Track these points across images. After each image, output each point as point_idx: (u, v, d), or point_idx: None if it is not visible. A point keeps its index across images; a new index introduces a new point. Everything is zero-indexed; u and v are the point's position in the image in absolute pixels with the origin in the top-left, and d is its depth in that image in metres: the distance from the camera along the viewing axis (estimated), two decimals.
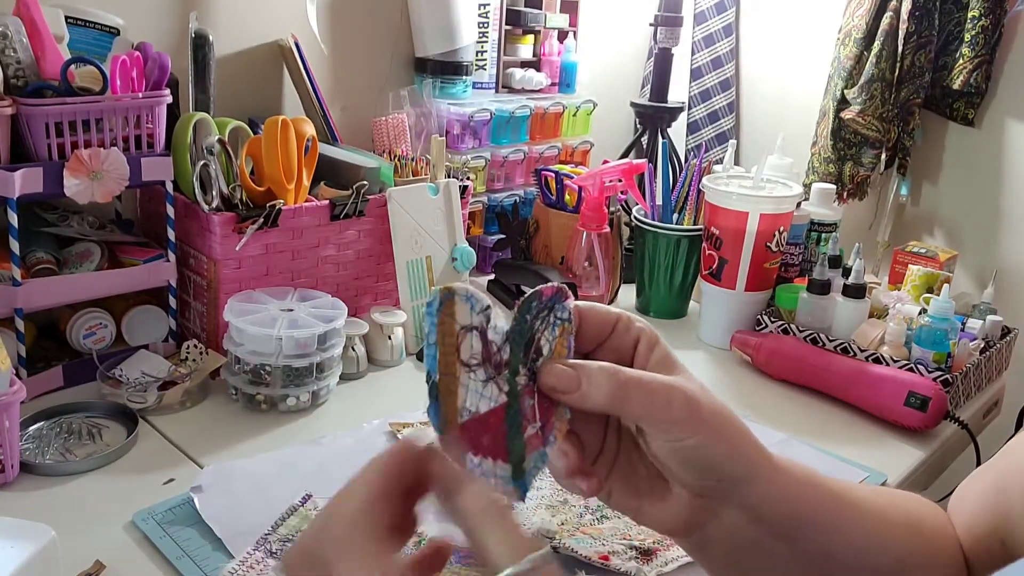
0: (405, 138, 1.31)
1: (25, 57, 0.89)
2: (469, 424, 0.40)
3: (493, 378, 0.40)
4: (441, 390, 0.40)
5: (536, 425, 0.40)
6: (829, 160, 1.55)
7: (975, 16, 1.42)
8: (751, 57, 1.81)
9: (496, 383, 0.40)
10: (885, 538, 0.47)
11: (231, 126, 1.05)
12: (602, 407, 0.40)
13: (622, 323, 0.44)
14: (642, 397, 0.40)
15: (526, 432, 0.40)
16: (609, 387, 0.40)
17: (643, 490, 0.44)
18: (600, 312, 0.43)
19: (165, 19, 1.14)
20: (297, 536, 0.74)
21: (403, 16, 1.41)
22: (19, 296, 0.91)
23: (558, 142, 1.55)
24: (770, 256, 1.21)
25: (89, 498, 0.80)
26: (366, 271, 1.16)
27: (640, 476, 0.44)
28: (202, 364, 1.01)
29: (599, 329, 0.43)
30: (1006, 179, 1.51)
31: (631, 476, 0.44)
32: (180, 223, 1.03)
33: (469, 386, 0.40)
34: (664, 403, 0.40)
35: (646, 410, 0.40)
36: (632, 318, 0.44)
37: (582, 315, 0.43)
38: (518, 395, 0.40)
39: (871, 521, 0.47)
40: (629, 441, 0.45)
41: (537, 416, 0.40)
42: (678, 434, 0.41)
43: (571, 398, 0.40)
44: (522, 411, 0.40)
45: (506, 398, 0.40)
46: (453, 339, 0.40)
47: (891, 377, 1.05)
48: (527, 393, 0.40)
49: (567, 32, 1.60)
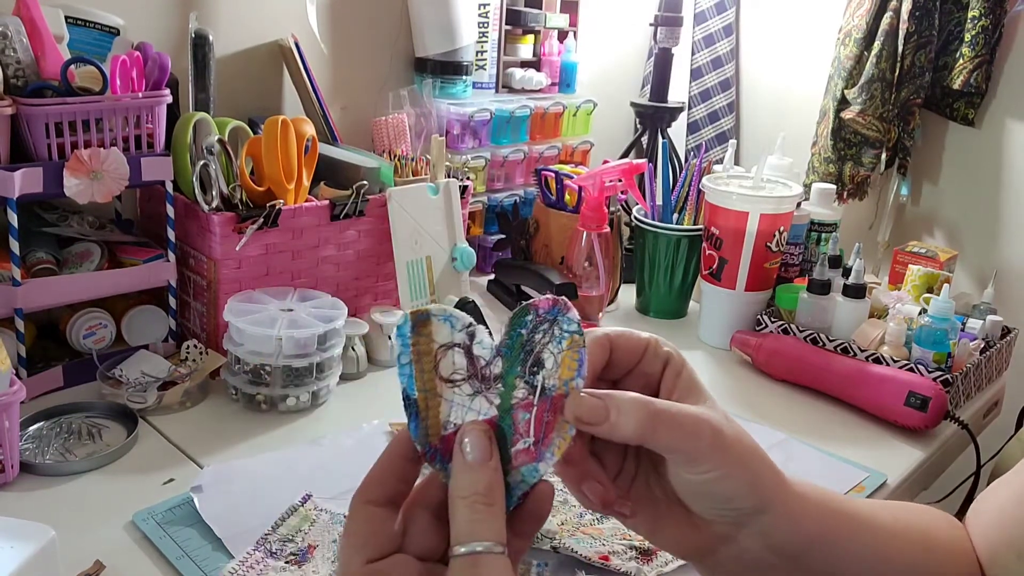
0: (405, 138, 1.31)
1: (25, 57, 0.89)
2: (452, 436, 0.40)
3: (481, 392, 0.40)
4: (420, 407, 0.40)
5: (528, 440, 0.39)
6: (829, 160, 1.55)
7: (975, 16, 1.42)
8: (751, 57, 1.81)
9: (486, 397, 0.40)
10: (898, 556, 0.47)
11: (231, 126, 1.05)
12: (630, 439, 0.40)
13: (651, 348, 0.44)
14: (671, 430, 0.40)
15: (516, 446, 0.40)
16: (638, 420, 0.39)
17: (660, 513, 0.44)
18: (631, 338, 0.43)
19: (165, 19, 1.14)
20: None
21: (403, 16, 1.41)
22: (19, 296, 0.91)
23: (558, 142, 1.55)
24: (770, 256, 1.21)
25: (89, 498, 0.80)
26: (366, 271, 1.16)
27: (657, 500, 0.44)
28: (202, 364, 1.01)
29: (630, 356, 0.43)
30: (1006, 179, 1.51)
31: (648, 499, 0.44)
32: (180, 223, 1.03)
33: (454, 401, 0.40)
34: (692, 435, 0.40)
35: (674, 443, 0.40)
36: (660, 341, 0.44)
37: (612, 342, 0.43)
38: (510, 409, 0.40)
39: (882, 540, 0.47)
40: (647, 465, 0.45)
41: (532, 431, 0.40)
42: (703, 466, 0.41)
43: (600, 429, 0.39)
44: (513, 425, 0.40)
45: (496, 412, 0.40)
46: (431, 357, 0.40)
47: (891, 377, 1.05)
48: (523, 407, 0.40)
49: (567, 32, 1.60)
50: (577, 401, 0.39)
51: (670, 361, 0.44)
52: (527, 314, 0.40)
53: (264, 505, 0.77)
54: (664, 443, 0.40)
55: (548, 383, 0.39)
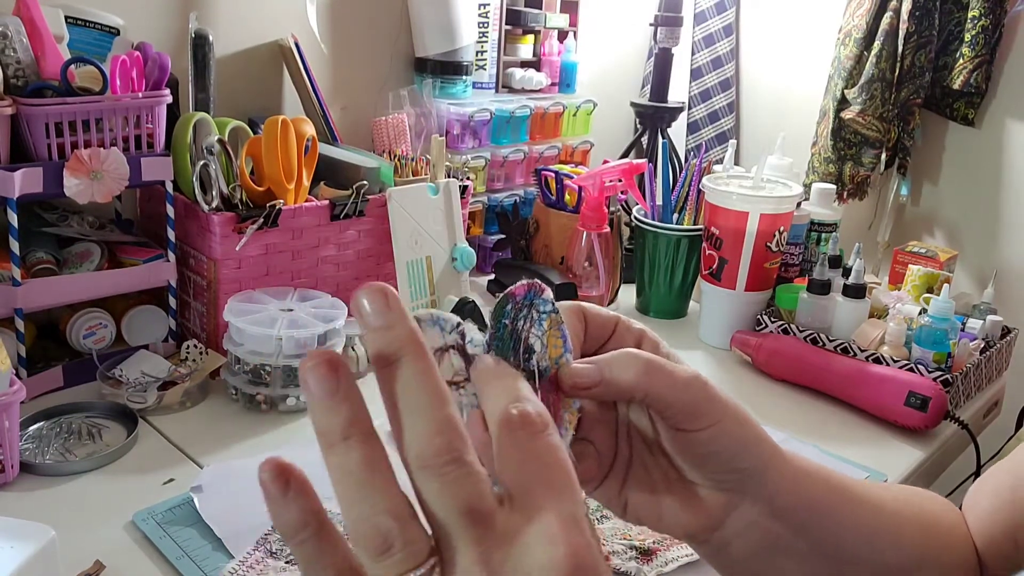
0: (405, 138, 1.31)
1: (25, 57, 0.89)
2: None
3: None
4: None
5: None
6: (829, 160, 1.55)
7: (975, 16, 1.42)
8: (751, 57, 1.81)
9: None
10: (899, 535, 0.47)
11: (231, 126, 1.05)
12: (629, 389, 0.40)
13: (622, 324, 0.44)
14: (665, 378, 0.40)
15: None
16: (635, 369, 0.40)
17: (660, 493, 0.44)
18: (601, 312, 0.44)
19: (165, 19, 1.14)
20: None
21: (403, 16, 1.41)
22: (19, 296, 0.91)
23: (558, 142, 1.55)
24: (770, 256, 1.21)
25: (89, 498, 0.80)
26: (366, 271, 1.16)
27: (656, 480, 0.44)
28: (202, 364, 1.01)
29: (602, 329, 0.43)
30: (1006, 179, 1.51)
31: (646, 482, 0.44)
32: (180, 223, 1.03)
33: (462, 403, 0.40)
34: (687, 386, 0.40)
35: (671, 393, 0.40)
36: (631, 320, 0.44)
37: (585, 311, 0.43)
38: None
39: (885, 517, 0.47)
40: (641, 446, 0.44)
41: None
42: (702, 420, 0.41)
43: (599, 390, 0.40)
44: None
45: None
46: None
47: (891, 377, 1.05)
48: None
49: (567, 32, 1.60)
50: (568, 371, 0.39)
51: (644, 337, 0.44)
52: (507, 304, 0.40)
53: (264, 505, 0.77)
54: (660, 393, 0.40)
55: (542, 365, 0.40)
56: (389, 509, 0.29)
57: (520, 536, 0.29)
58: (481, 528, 0.29)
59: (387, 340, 0.30)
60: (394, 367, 0.30)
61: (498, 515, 0.29)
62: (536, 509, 0.30)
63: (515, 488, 0.30)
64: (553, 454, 0.31)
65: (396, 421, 0.30)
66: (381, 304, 0.31)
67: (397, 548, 0.28)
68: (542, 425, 0.31)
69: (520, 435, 0.31)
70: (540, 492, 0.30)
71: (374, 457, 0.29)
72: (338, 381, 0.30)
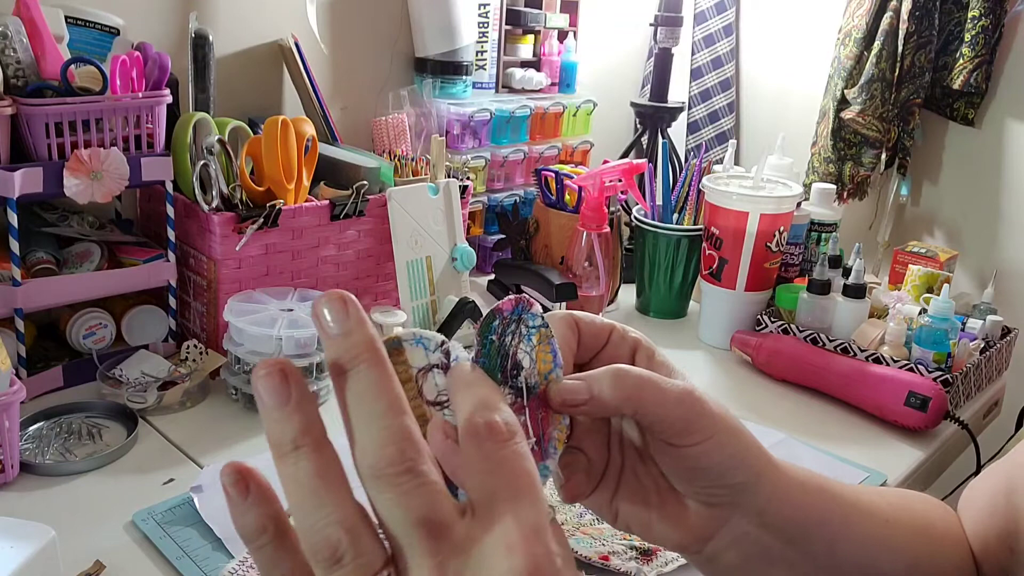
0: (405, 138, 1.31)
1: (25, 57, 0.89)
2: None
3: None
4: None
5: (531, 441, 0.39)
6: (829, 160, 1.55)
7: (975, 16, 1.42)
8: (751, 57, 1.81)
9: None
10: (893, 542, 0.47)
11: (231, 126, 1.05)
12: (617, 406, 0.39)
13: (616, 332, 0.43)
14: (656, 394, 0.39)
15: None
16: (623, 386, 0.39)
17: (651, 504, 0.43)
18: (595, 321, 0.43)
19: (165, 19, 1.14)
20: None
21: (403, 16, 1.41)
22: (19, 296, 0.91)
23: (558, 142, 1.55)
24: (770, 256, 1.21)
25: (89, 498, 0.80)
26: (366, 271, 1.16)
27: (647, 491, 0.44)
28: (202, 364, 1.01)
29: (595, 339, 0.43)
30: (1006, 179, 1.51)
31: (637, 491, 0.44)
32: (180, 223, 1.03)
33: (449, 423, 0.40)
34: (678, 402, 0.40)
35: (662, 409, 0.40)
36: (626, 328, 0.44)
37: (578, 321, 0.42)
38: None
39: (878, 524, 0.46)
40: (633, 456, 0.44)
41: (531, 432, 0.39)
42: (693, 436, 0.40)
43: (587, 408, 0.39)
44: None
45: None
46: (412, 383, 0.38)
47: (891, 377, 1.05)
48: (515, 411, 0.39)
49: (567, 32, 1.60)
50: (557, 388, 0.39)
51: (640, 346, 0.43)
52: (493, 319, 0.39)
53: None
54: (651, 409, 0.40)
55: (531, 382, 0.39)
56: (340, 520, 0.28)
57: (478, 545, 0.29)
58: (436, 539, 0.28)
59: (344, 347, 0.30)
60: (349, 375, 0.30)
61: (457, 525, 0.29)
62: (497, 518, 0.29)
63: (478, 497, 0.30)
64: (518, 463, 0.31)
65: (350, 430, 0.30)
66: (340, 311, 0.30)
67: (347, 560, 0.28)
68: (508, 434, 0.31)
69: (486, 444, 0.31)
70: (502, 501, 0.30)
71: (326, 467, 0.29)
72: (289, 390, 0.29)
